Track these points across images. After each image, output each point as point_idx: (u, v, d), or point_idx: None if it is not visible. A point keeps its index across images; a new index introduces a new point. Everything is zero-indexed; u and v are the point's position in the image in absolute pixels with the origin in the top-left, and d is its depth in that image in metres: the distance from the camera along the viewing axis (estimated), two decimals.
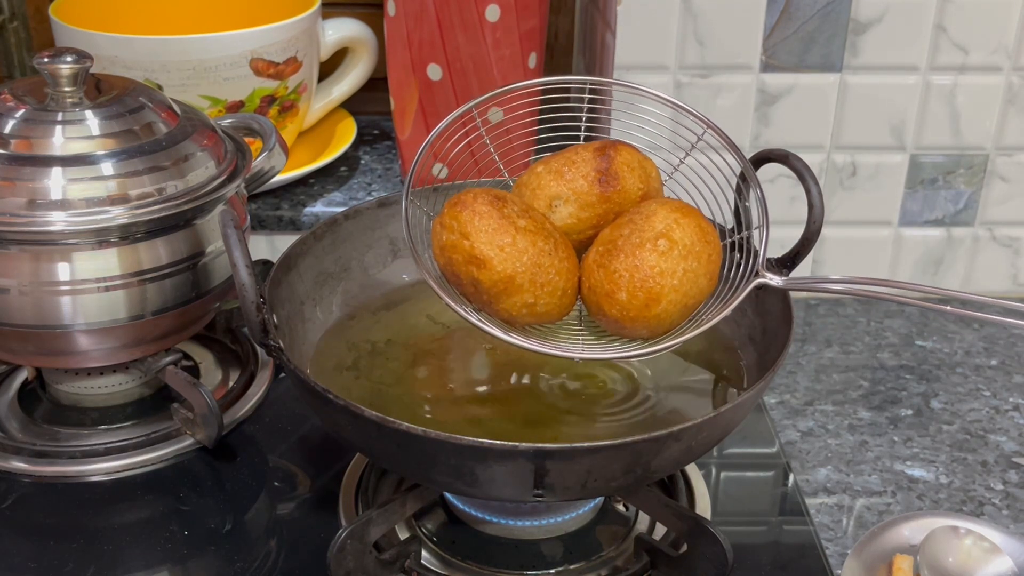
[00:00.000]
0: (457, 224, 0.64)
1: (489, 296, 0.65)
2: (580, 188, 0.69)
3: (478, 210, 0.64)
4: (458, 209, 0.64)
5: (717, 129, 0.71)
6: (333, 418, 0.65)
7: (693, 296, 0.66)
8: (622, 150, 0.70)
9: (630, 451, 0.60)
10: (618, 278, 0.65)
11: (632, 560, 0.72)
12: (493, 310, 0.66)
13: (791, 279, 0.69)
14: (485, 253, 0.63)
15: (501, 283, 0.64)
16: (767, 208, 0.70)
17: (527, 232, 0.64)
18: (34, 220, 0.73)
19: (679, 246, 0.65)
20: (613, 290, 0.65)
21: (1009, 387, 0.92)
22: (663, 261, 0.64)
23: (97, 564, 0.71)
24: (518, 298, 0.65)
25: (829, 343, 0.98)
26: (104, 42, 0.94)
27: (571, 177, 0.69)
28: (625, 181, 0.69)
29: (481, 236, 0.64)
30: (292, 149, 1.06)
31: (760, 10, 0.93)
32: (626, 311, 0.65)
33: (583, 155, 0.70)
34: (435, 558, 0.72)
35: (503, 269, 0.64)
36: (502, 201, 0.65)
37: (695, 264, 0.65)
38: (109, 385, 0.85)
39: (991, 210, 1.02)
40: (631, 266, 0.64)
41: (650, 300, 0.64)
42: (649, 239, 0.65)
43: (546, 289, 0.65)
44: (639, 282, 0.64)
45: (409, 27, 0.97)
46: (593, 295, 0.66)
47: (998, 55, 0.95)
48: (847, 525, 0.77)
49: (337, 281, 0.79)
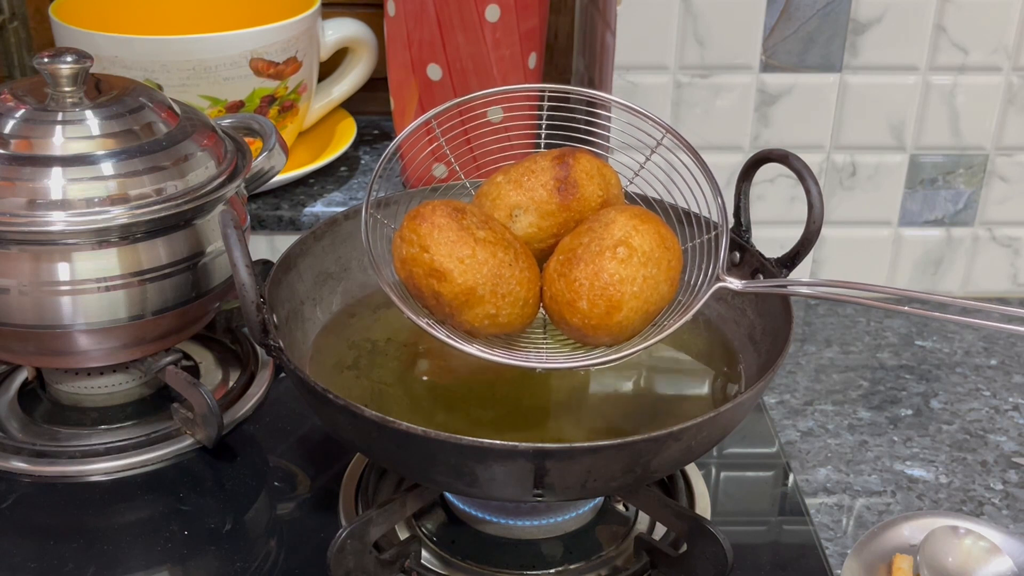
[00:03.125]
0: (417, 237, 0.64)
1: (451, 308, 0.65)
2: (540, 197, 0.69)
3: (437, 223, 0.64)
4: (417, 222, 0.64)
5: (677, 134, 0.71)
6: (333, 418, 0.65)
7: (654, 302, 0.66)
8: (581, 158, 0.70)
9: (630, 451, 0.60)
10: (579, 287, 0.65)
11: (632, 560, 0.72)
12: (455, 322, 0.66)
13: (750, 282, 0.69)
14: (445, 266, 0.64)
15: (462, 295, 0.64)
16: (727, 211, 0.70)
17: (487, 243, 0.64)
18: (34, 220, 0.73)
19: (638, 253, 0.65)
20: (574, 299, 0.65)
21: (1009, 387, 0.92)
22: (623, 268, 0.64)
23: (97, 564, 0.71)
24: (480, 309, 0.65)
25: (829, 343, 0.98)
26: (104, 42, 0.94)
27: (530, 186, 0.69)
28: (584, 189, 0.69)
29: (441, 248, 0.64)
30: (292, 149, 1.06)
31: (760, 10, 0.93)
32: (588, 319, 0.65)
33: (542, 164, 0.70)
34: (435, 558, 0.72)
35: (464, 281, 0.64)
36: (461, 213, 0.65)
37: (655, 271, 0.66)
38: (109, 385, 0.85)
39: (991, 210, 1.02)
40: (591, 274, 0.64)
41: (611, 308, 0.64)
42: (608, 247, 0.65)
43: (507, 300, 0.65)
44: (599, 290, 0.64)
45: (409, 27, 0.97)
46: (555, 304, 0.66)
47: (998, 55, 0.95)
48: (847, 525, 0.77)
49: (337, 281, 0.79)
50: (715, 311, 0.78)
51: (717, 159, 0.97)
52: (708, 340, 0.78)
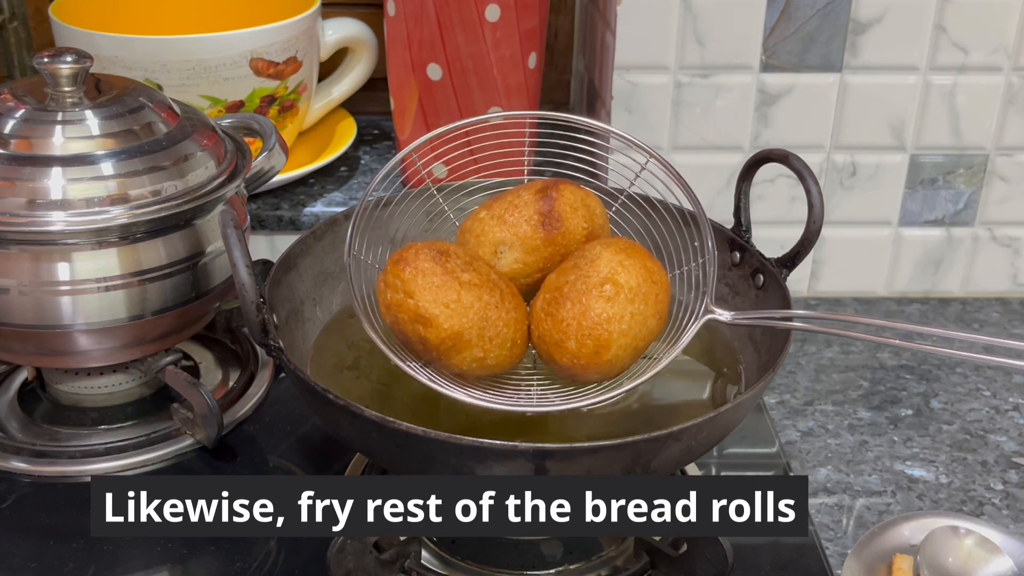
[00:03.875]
0: (400, 283, 0.63)
1: (438, 353, 0.64)
2: (524, 233, 0.69)
3: (420, 267, 0.63)
4: (400, 267, 0.64)
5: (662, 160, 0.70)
6: (333, 418, 0.65)
7: (643, 338, 0.66)
8: (564, 190, 0.70)
9: (630, 451, 0.60)
10: (566, 327, 0.64)
11: (632, 560, 0.72)
12: (443, 366, 0.65)
13: (738, 314, 0.68)
14: (430, 311, 0.63)
15: (449, 340, 0.63)
16: (715, 241, 0.69)
17: (472, 286, 0.64)
18: (34, 220, 0.73)
19: (625, 290, 0.64)
20: (562, 339, 0.64)
21: (1009, 387, 0.92)
22: (610, 307, 0.64)
23: (97, 564, 0.71)
24: (467, 353, 0.64)
25: (829, 343, 0.98)
26: (104, 42, 0.94)
27: (514, 222, 0.69)
28: (568, 222, 0.69)
29: (425, 294, 0.63)
30: (292, 149, 1.06)
31: (760, 10, 0.93)
32: (576, 359, 0.64)
33: (525, 197, 0.69)
34: (435, 558, 0.72)
35: (450, 327, 0.63)
36: (445, 256, 0.64)
37: (642, 306, 0.65)
38: (109, 385, 0.85)
39: (991, 210, 1.02)
40: (578, 314, 0.64)
41: (599, 347, 0.64)
42: (595, 285, 0.64)
43: (495, 342, 0.65)
44: (587, 330, 0.64)
45: (409, 27, 0.97)
46: (543, 344, 0.66)
47: (998, 55, 0.95)
48: (847, 525, 0.77)
49: (337, 281, 0.79)
50: None
51: (717, 159, 0.97)
52: (708, 340, 0.78)
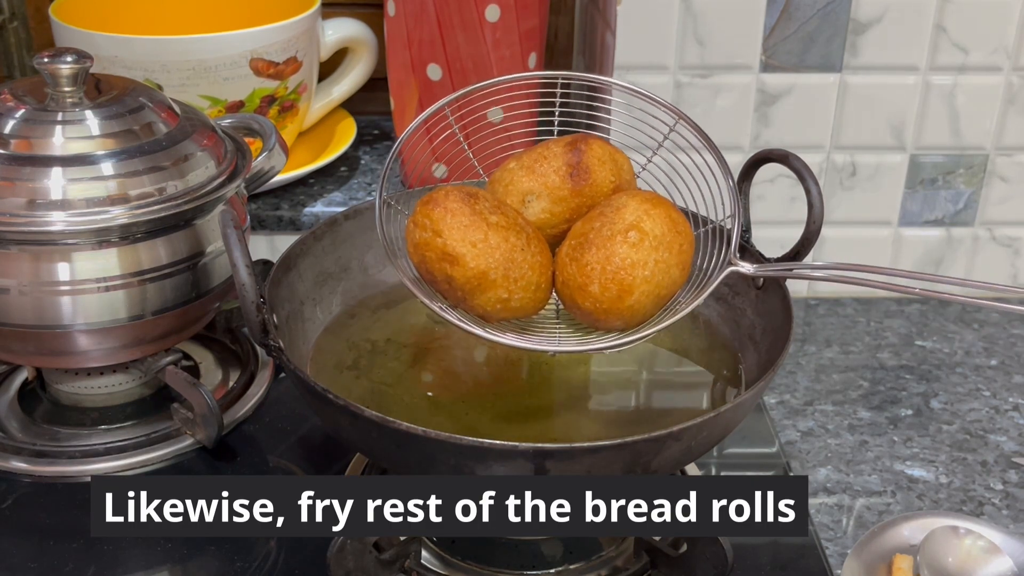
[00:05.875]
0: (429, 222, 0.64)
1: (463, 292, 0.65)
2: (552, 183, 0.69)
3: (450, 207, 0.64)
4: (430, 207, 0.65)
5: (688, 120, 0.70)
6: (333, 418, 0.65)
7: (666, 287, 0.66)
8: (593, 144, 0.70)
9: (630, 451, 0.60)
10: (590, 271, 0.65)
11: (632, 560, 0.72)
12: (468, 306, 0.66)
13: (762, 265, 0.69)
14: (458, 250, 0.64)
15: (474, 279, 0.64)
16: (740, 196, 0.69)
17: (499, 228, 0.65)
18: (34, 220, 0.73)
19: (650, 237, 0.65)
20: (585, 283, 0.65)
21: (1009, 387, 0.92)
22: (634, 252, 0.64)
23: (97, 564, 0.71)
24: (492, 294, 0.65)
25: (829, 343, 0.98)
26: (104, 42, 0.94)
27: (543, 172, 0.70)
28: (596, 175, 0.70)
29: (453, 233, 0.64)
30: (292, 149, 1.06)
31: (760, 10, 0.93)
32: (599, 303, 0.65)
33: (554, 150, 0.70)
34: (435, 558, 0.72)
35: (476, 265, 0.64)
36: (474, 198, 0.65)
37: (666, 255, 0.66)
38: (109, 385, 0.85)
39: (991, 210, 1.02)
40: (602, 258, 0.64)
41: (622, 292, 0.64)
42: (620, 231, 0.65)
43: (519, 284, 0.65)
44: (611, 274, 0.64)
45: (409, 27, 0.97)
46: (567, 288, 0.66)
47: (998, 55, 0.95)
48: (847, 525, 0.77)
49: (337, 281, 0.79)
50: (715, 311, 0.78)
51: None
52: (708, 340, 0.78)
